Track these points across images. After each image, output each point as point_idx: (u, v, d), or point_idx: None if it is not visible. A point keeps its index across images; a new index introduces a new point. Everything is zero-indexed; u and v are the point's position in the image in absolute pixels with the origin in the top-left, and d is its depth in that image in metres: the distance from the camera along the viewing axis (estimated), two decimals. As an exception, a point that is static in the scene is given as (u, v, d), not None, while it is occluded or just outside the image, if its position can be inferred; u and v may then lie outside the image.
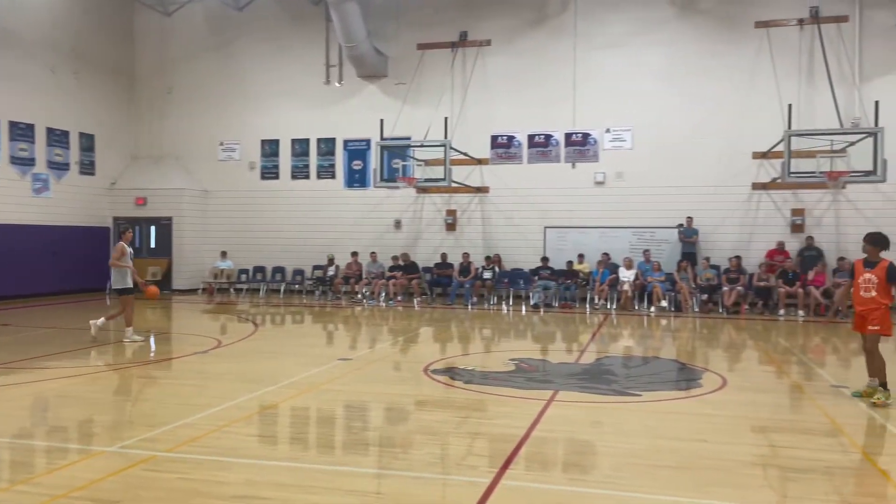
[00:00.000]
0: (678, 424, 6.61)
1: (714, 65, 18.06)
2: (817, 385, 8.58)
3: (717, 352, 11.70)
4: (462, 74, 19.83)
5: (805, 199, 17.61)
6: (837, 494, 4.77)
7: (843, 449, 5.79)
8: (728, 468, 5.28)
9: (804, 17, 17.41)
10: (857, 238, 16.94)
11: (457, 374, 8.83)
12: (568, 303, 17.68)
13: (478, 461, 5.50)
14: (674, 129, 18.21)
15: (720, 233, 18.03)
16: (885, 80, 16.92)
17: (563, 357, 10.57)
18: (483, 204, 19.83)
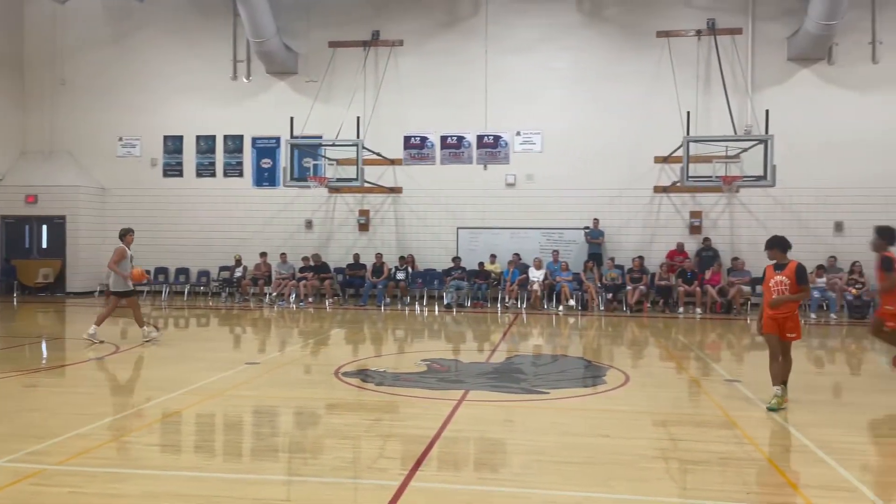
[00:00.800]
0: (584, 421, 6.79)
1: (619, 71, 18.71)
2: (713, 379, 9.01)
3: (621, 349, 12.10)
4: (374, 74, 19.72)
5: (702, 202, 18.50)
6: (731, 484, 5.01)
7: (737, 440, 6.08)
8: (630, 462, 5.46)
9: (702, 28, 18.31)
10: (749, 239, 18.16)
11: (368, 377, 8.75)
12: (480, 302, 17.89)
13: (388, 464, 5.46)
14: (581, 133, 18.75)
15: (624, 234, 18.70)
16: (774, 90, 18.00)
17: (474, 357, 10.67)
18: (396, 204, 19.79)
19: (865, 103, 17.66)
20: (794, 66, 18.05)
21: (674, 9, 18.55)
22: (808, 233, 17.78)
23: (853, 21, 17.36)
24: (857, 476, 5.10)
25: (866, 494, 4.77)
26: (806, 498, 4.71)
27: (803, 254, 17.66)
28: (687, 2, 18.53)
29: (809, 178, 17.64)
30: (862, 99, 17.69)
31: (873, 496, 4.73)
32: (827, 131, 17.65)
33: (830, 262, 17.12)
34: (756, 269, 17.64)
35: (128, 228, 12.01)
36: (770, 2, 18.14)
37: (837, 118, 17.68)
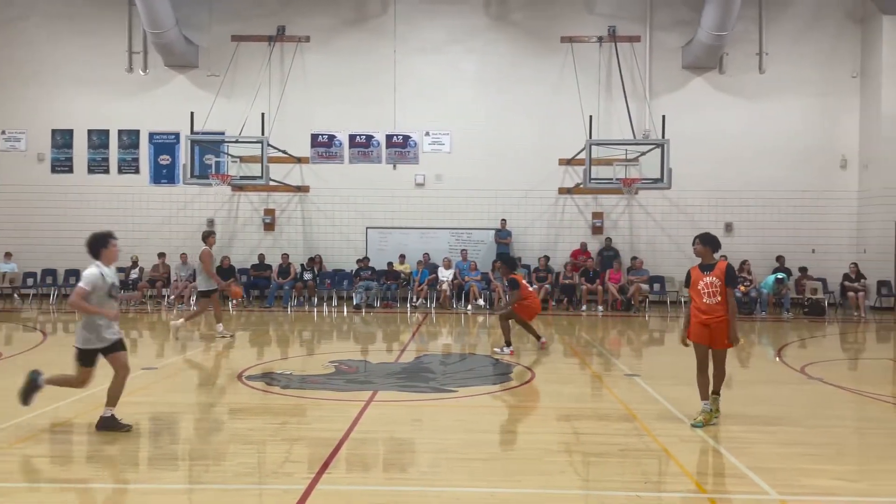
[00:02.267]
0: (490, 418, 6.88)
1: (525, 75, 19.09)
2: (614, 374, 9.32)
3: (526, 346, 12.33)
4: (280, 70, 19.29)
5: (604, 204, 19.14)
6: (631, 475, 5.19)
7: (637, 432, 6.32)
8: (535, 456, 5.57)
9: (603, 35, 18.94)
10: (648, 239, 18.94)
11: (274, 380, 8.54)
12: (389, 303, 17.83)
13: (294, 467, 5.34)
14: (489, 135, 19.01)
15: (530, 234, 19.11)
16: (671, 96, 18.85)
17: (383, 357, 10.61)
18: (303, 203, 19.43)
19: (753, 110, 18.76)
20: (688, 73, 18.96)
21: (577, 15, 19.11)
22: (698, 231, 18.68)
23: (742, 33, 18.41)
24: (745, 463, 5.40)
25: (755, 481, 5.05)
26: (699, 485, 4.94)
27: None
28: (589, 9, 19.13)
29: (702, 181, 18.58)
30: (750, 106, 18.78)
31: (760, 481, 5.02)
32: (718, 137, 18.64)
33: (721, 261, 18.07)
34: (653, 269, 18.48)
35: (210, 231, 12.85)
36: (666, 12, 18.99)
37: (727, 124, 18.71)
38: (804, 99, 18.70)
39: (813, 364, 9.92)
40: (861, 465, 5.56)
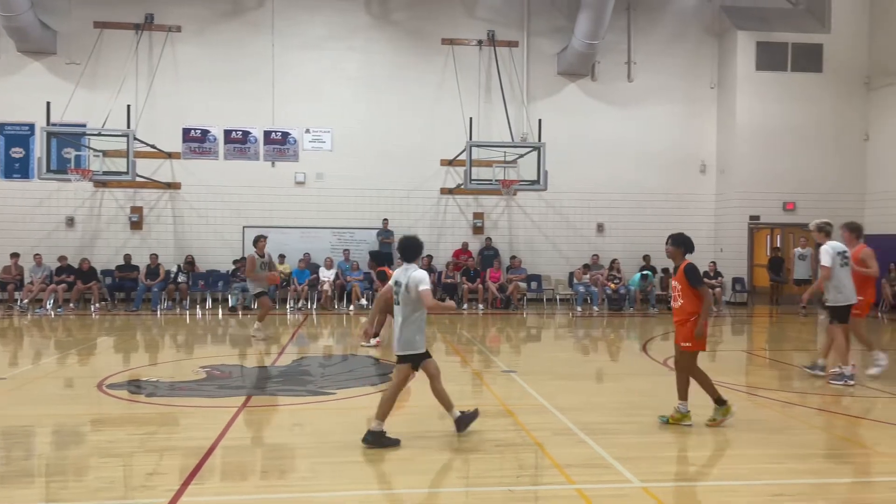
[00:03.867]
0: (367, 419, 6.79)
1: (407, 75, 19.12)
2: (493, 371, 9.50)
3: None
4: (148, 60, 18.28)
5: (484, 204, 19.51)
6: (507, 469, 5.29)
7: (513, 428, 6.45)
8: (413, 456, 5.56)
9: (483, 39, 19.29)
10: (526, 239, 19.46)
11: (139, 388, 8.06)
12: (267, 304, 17.29)
13: (159, 480, 5.04)
14: (371, 134, 18.89)
15: (413, 234, 19.11)
16: (547, 101, 19.47)
17: (259, 360, 10.28)
18: (174, 201, 18.51)
19: (622, 117, 19.73)
20: (563, 80, 19.67)
21: (457, 18, 19.35)
22: (575, 233, 19.50)
23: (612, 43, 19.32)
24: (611, 453, 5.64)
25: (619, 470, 5.28)
26: (568, 477, 5.11)
27: (572, 253, 19.42)
28: (469, 12, 19.42)
29: (575, 183, 19.32)
30: (619, 113, 19.73)
31: (624, 470, 5.25)
32: (590, 141, 19.46)
33: (594, 260, 18.89)
34: (531, 267, 19.03)
35: (259, 235, 12.54)
36: (543, 19, 19.60)
37: (599, 129, 19.57)
38: (668, 107, 19.87)
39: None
40: (718, 450, 5.94)
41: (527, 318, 16.26)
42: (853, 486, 5.03)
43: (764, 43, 19.09)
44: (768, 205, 19.10)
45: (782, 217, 19.16)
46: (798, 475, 5.28)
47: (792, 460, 5.63)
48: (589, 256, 18.96)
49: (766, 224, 19.61)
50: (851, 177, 19.23)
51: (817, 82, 19.11)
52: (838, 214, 18.43)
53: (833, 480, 5.18)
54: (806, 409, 7.44)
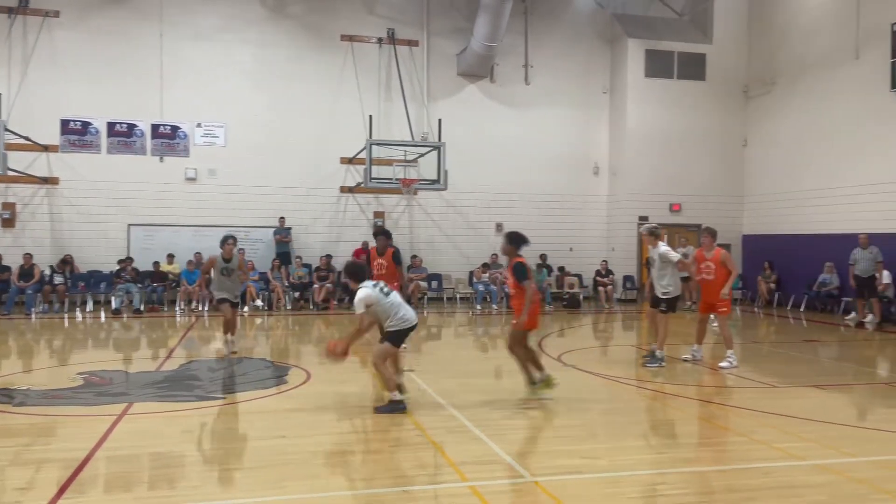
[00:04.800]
0: (259, 423, 6.57)
1: (305, 70, 18.71)
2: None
3: (307, 347, 12.09)
4: (22, 46, 17.02)
5: (385, 203, 19.37)
6: (403, 469, 5.22)
7: (409, 427, 6.39)
8: (305, 461, 5.40)
9: (383, 36, 19.15)
10: (427, 238, 19.48)
11: (7, 396, 7.44)
12: (155, 306, 16.50)
13: (24, 495, 4.64)
14: (268, 130, 18.36)
15: (311, 233, 18.77)
16: (447, 101, 19.56)
17: (143, 365, 9.74)
18: (51, 197, 17.31)
19: (520, 119, 20.09)
20: (463, 80, 19.82)
21: (357, 14, 19.12)
22: (475, 233, 19.69)
23: (511, 45, 19.63)
24: (505, 449, 5.68)
25: (512, 465, 5.32)
26: (462, 475, 5.09)
27: (472, 252, 19.59)
28: (369, 9, 19.24)
29: (475, 183, 19.51)
30: (517, 115, 20.08)
31: (517, 465, 5.30)
32: (489, 142, 19.70)
33: (493, 259, 19.13)
34: (432, 267, 19.07)
35: (228, 235, 10.76)
36: (442, 19, 19.67)
37: (498, 130, 19.84)
38: (564, 110, 20.41)
39: (568, 352, 10.80)
40: (606, 443, 6.10)
41: (427, 317, 16.27)
42: (730, 472, 5.27)
43: (652, 51, 19.95)
44: (656, 206, 19.97)
45: (669, 218, 20.06)
46: (679, 464, 5.50)
47: (674, 449, 5.86)
48: (488, 255, 19.20)
49: (645, 222, 20.49)
50: (731, 180, 20.41)
51: (701, 90, 20.15)
52: (719, 215, 19.60)
53: (711, 468, 5.41)
54: (688, 400, 7.78)
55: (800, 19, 18.54)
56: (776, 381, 8.79)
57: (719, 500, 4.74)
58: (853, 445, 5.93)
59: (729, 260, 9.80)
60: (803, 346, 12.34)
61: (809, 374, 9.47)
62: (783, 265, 18.57)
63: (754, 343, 12.72)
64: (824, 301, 17.01)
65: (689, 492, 4.87)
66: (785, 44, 18.94)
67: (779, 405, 7.41)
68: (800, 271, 17.86)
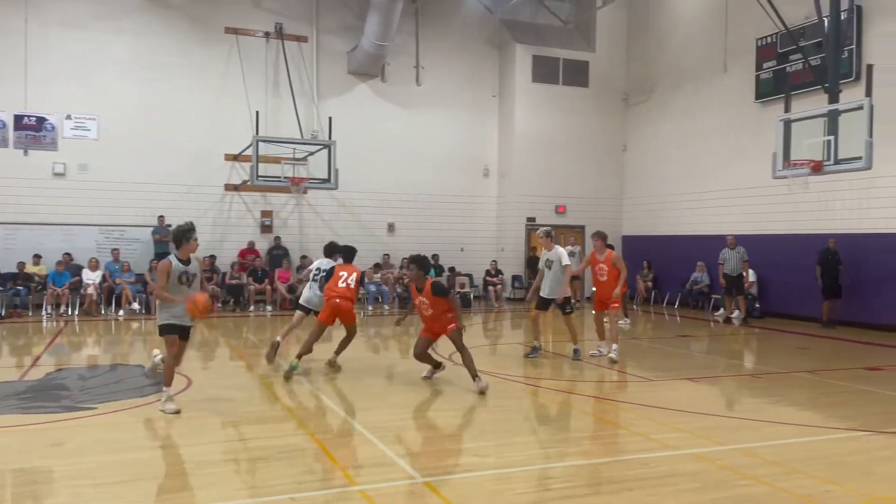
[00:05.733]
0: (135, 434, 6.19)
1: (187, 63, 17.91)
2: (280, 375, 9.14)
3: (188, 352, 11.52)
4: None
5: (273, 202, 18.86)
6: (288, 476, 5.05)
7: (297, 432, 6.22)
8: (186, 471, 5.14)
9: (270, 31, 18.63)
10: (317, 238, 19.08)
11: None
12: (18, 311, 15.28)
13: None
14: (146, 124, 17.43)
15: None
16: (338, 99, 19.29)
17: (3, 375, 8.96)
18: None
19: (412, 119, 20.12)
20: (354, 79, 19.62)
21: (242, 7, 18.49)
22: (367, 233, 19.50)
23: (402, 46, 19.61)
24: (396, 451, 5.64)
25: (403, 467, 5.28)
26: (351, 479, 5.01)
27: (364, 252, 19.29)
28: (256, 2, 18.65)
29: (367, 182, 19.36)
30: (409, 115, 20.10)
31: (408, 466, 5.27)
32: (381, 141, 19.61)
33: (385, 260, 19.06)
34: (322, 267, 18.70)
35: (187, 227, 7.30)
36: (332, 16, 19.38)
37: (390, 130, 19.78)
38: (455, 112, 20.62)
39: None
40: (495, 440, 6.18)
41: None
42: (612, 464, 5.48)
43: (539, 57, 20.53)
44: (543, 207, 20.57)
45: (555, 219, 20.69)
46: (565, 458, 5.66)
47: (560, 444, 6.03)
48: (380, 256, 19.10)
49: (541, 226, 21.00)
50: (612, 183, 21.34)
51: (584, 96, 20.94)
52: (601, 217, 20.45)
53: (595, 461, 5.60)
54: (573, 396, 8.04)
55: (675, 33, 19.64)
56: (653, 376, 9.25)
57: (603, 491, 4.91)
58: (723, 434, 6.31)
59: (619, 261, 10.37)
60: (677, 341, 13.07)
61: (683, 368, 10.02)
62: (660, 264, 19.61)
63: (633, 339, 13.33)
64: (696, 298, 18.09)
65: (574, 484, 5.01)
66: (661, 55, 20.01)
67: (656, 398, 7.79)
68: (674, 270, 18.92)
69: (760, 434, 6.37)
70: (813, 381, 9.04)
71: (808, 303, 15.20)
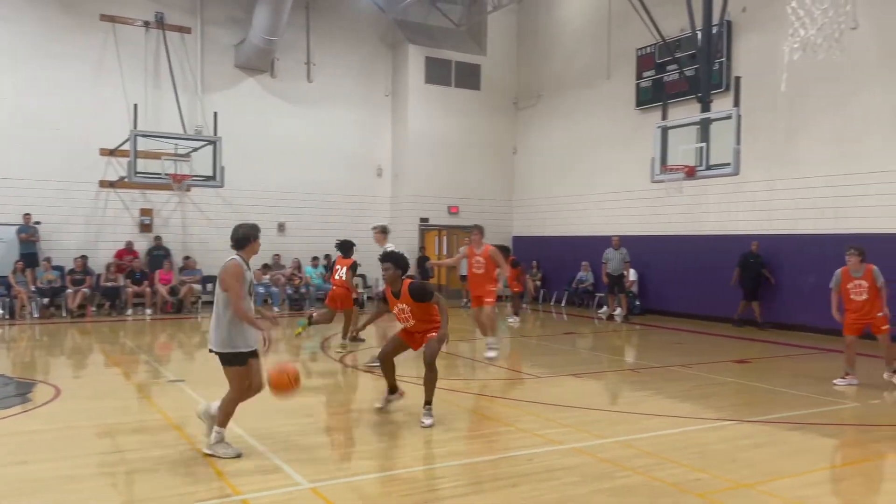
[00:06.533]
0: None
1: (57, 51, 16.72)
2: (159, 382, 8.73)
3: (57, 360, 10.83)
4: None
5: (153, 200, 17.95)
6: (167, 489, 4.81)
7: (178, 442, 5.93)
8: (54, 487, 4.79)
9: (150, 20, 17.71)
10: (201, 238, 18.37)
11: None
12: None
13: None
14: (13, 115, 16.15)
15: (65, 231, 16.82)
16: (224, 93, 18.60)
17: None
18: None
19: (303, 116, 19.69)
20: (241, 73, 18.98)
21: (120, -7, 17.52)
22: (255, 232, 18.94)
23: (292, 41, 19.16)
24: (281, 457, 5.48)
25: (289, 473, 5.14)
26: (234, 487, 4.83)
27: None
28: (134, -11, 17.72)
29: (256, 180, 18.79)
30: (300, 112, 19.67)
31: (293, 472, 5.14)
32: (270, 138, 19.08)
33: (275, 260, 18.57)
34: (207, 268, 17.99)
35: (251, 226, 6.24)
36: (218, 7, 18.66)
37: (280, 127, 19.27)
38: (347, 111, 20.38)
39: (351, 353, 10.78)
40: (382, 443, 6.14)
41: (202, 323, 15.36)
42: (498, 461, 5.56)
43: (432, 58, 20.65)
44: (436, 208, 20.71)
45: (448, 220, 20.91)
46: (452, 457, 5.70)
47: (447, 444, 6.06)
48: (270, 256, 18.59)
49: (435, 226, 21.22)
50: (503, 184, 21.78)
51: (476, 99, 21.25)
52: (493, 217, 20.83)
53: (481, 459, 5.67)
54: (461, 395, 8.12)
55: (562, 40, 20.29)
56: (540, 372, 9.50)
57: (487, 488, 4.97)
58: (604, 428, 6.56)
59: (497, 255, 10.43)
60: (563, 338, 13.51)
61: (568, 364, 10.36)
62: (548, 264, 20.22)
63: (522, 337, 13.66)
64: (581, 297, 18.77)
65: (459, 483, 5.05)
66: (549, 61, 20.62)
67: (541, 394, 8.01)
68: (561, 270, 19.56)
69: (638, 426, 6.67)
70: (687, 374, 9.57)
71: (684, 300, 16.17)
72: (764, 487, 4.97)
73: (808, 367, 10.15)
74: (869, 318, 8.54)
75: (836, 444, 6.36)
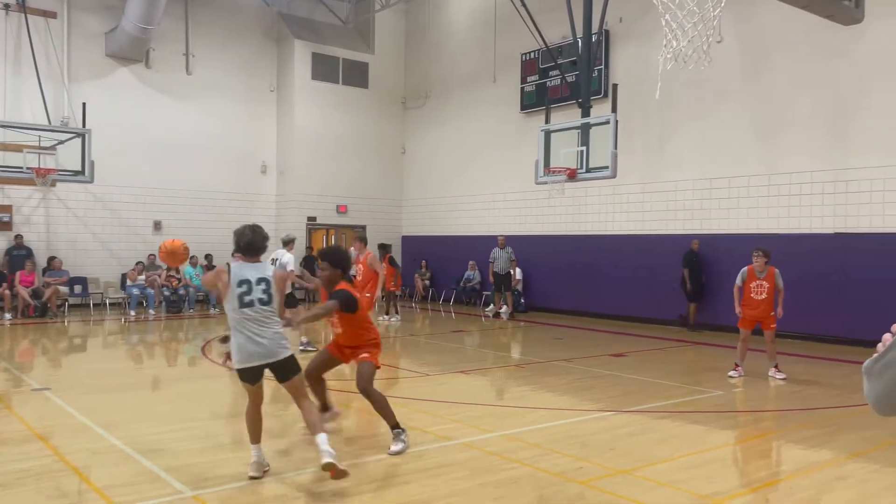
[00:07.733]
0: None
1: None
2: (21, 391, 8.09)
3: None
4: None
5: (13, 196, 16.62)
6: (37, 501, 4.47)
7: (44, 454, 5.52)
8: None
9: (10, 2, 16.37)
10: (68, 237, 17.20)
11: None
12: None
13: None
14: None
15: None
16: (93, 83, 17.47)
17: None
18: None
19: (182, 110, 18.81)
20: (114, 62, 17.89)
21: (-25, -29, 16.09)
22: (129, 231, 17.97)
23: (169, 31, 18.24)
24: (161, 465, 5.22)
25: (169, 482, 4.91)
26: (108, 499, 4.55)
27: (125, 252, 17.84)
28: (-8, -32, 16.33)
29: (129, 176, 17.78)
30: (177, 105, 18.77)
31: (174, 480, 4.91)
32: (146, 132, 18.09)
33: (150, 260, 17.63)
34: (75, 269, 16.92)
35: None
36: (88, -8, 17.55)
37: (155, 120, 18.31)
38: (229, 105, 19.66)
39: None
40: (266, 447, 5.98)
41: (68, 327, 14.39)
42: (388, 460, 5.55)
43: (319, 55, 20.32)
44: (324, 207, 20.41)
45: (336, 219, 20.66)
46: (343, 458, 5.62)
47: (338, 445, 5.98)
48: (145, 256, 17.64)
49: (323, 225, 20.90)
50: (392, 184, 21.78)
51: (365, 97, 21.12)
52: (382, 217, 20.81)
53: (371, 459, 5.64)
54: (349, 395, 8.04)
55: (449, 42, 20.53)
56: (429, 370, 9.58)
57: (378, 487, 4.96)
58: (491, 422, 6.70)
59: (376, 261, 10.81)
60: (452, 336, 13.68)
61: (456, 362, 10.51)
62: (436, 263, 20.41)
63: (411, 336, 13.72)
64: (469, 295, 19.08)
65: (350, 484, 4.99)
66: (437, 62, 20.82)
67: (431, 392, 8.08)
68: (450, 269, 19.80)
69: (524, 420, 6.86)
70: (568, 368, 9.94)
71: (565, 297, 16.81)
72: (640, 473, 5.24)
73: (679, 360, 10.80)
74: (763, 315, 9.17)
75: (703, 430, 6.81)
